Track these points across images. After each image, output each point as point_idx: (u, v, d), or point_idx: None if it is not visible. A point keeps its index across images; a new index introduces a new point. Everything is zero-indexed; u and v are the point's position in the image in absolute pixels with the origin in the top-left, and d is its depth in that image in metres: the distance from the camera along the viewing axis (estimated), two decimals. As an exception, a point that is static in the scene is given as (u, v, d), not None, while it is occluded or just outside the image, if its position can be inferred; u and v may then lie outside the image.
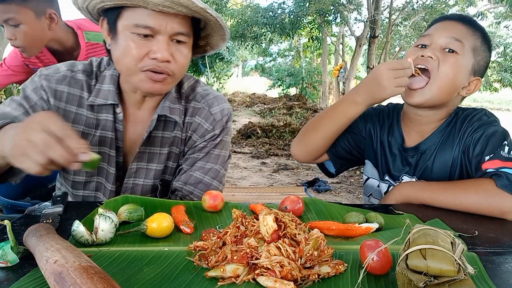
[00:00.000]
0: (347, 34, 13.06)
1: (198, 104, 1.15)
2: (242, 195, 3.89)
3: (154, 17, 0.92)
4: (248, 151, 6.48)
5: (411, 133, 1.21)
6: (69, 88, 1.06)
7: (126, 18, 0.94)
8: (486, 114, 1.13)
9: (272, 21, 9.37)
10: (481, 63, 1.13)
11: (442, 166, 1.13)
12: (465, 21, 1.12)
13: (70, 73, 1.07)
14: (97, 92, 1.07)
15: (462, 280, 0.54)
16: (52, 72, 1.07)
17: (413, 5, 8.29)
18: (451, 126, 1.15)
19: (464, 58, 1.09)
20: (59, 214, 0.88)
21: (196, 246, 0.74)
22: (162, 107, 1.08)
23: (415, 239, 0.59)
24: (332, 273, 0.65)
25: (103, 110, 1.08)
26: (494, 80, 11.99)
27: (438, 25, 1.14)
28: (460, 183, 1.04)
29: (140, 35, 0.93)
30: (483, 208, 0.96)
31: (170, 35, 0.95)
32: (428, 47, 1.11)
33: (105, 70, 1.10)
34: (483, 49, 1.12)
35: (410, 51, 1.16)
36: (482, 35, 1.13)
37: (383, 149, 1.25)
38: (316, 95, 15.21)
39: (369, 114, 1.30)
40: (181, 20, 0.95)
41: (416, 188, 1.08)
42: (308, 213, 0.94)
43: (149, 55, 0.94)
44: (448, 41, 1.08)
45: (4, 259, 0.66)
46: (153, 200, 0.97)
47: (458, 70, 1.08)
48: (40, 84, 1.05)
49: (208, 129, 1.14)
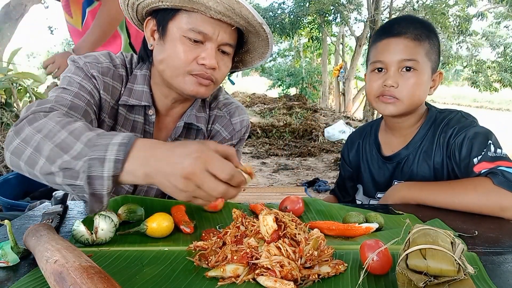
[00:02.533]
0: (347, 34, 13.06)
1: (220, 112, 1.17)
2: (242, 195, 3.89)
3: (209, 24, 0.92)
4: (248, 151, 6.48)
5: (390, 143, 1.25)
6: (112, 82, 1.03)
7: (181, 21, 0.93)
8: (463, 116, 1.16)
9: (272, 21, 9.37)
10: (436, 58, 1.15)
11: (426, 170, 1.16)
12: (406, 34, 1.10)
13: (113, 66, 1.04)
14: (129, 91, 1.05)
15: (462, 280, 0.54)
16: (94, 61, 1.01)
17: (413, 5, 8.29)
18: (431, 130, 1.17)
19: (422, 70, 1.10)
20: (59, 214, 0.88)
21: (196, 246, 0.74)
22: (189, 115, 1.09)
23: (415, 239, 0.59)
24: (332, 273, 0.65)
25: (134, 110, 1.07)
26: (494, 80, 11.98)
27: (384, 47, 1.13)
28: (457, 182, 1.04)
29: (191, 40, 0.93)
30: (483, 206, 0.96)
31: (218, 44, 0.95)
32: (385, 72, 1.12)
33: (135, 69, 1.08)
34: (433, 44, 1.13)
35: (371, 77, 1.16)
36: (425, 31, 1.12)
37: (368, 164, 1.30)
38: (316, 95, 15.21)
39: (353, 139, 1.39)
40: (231, 31, 0.96)
41: (414, 189, 1.08)
42: (308, 213, 0.94)
43: (197, 60, 0.94)
44: (402, 63, 1.10)
45: (4, 259, 0.66)
46: (153, 200, 0.97)
47: (420, 84, 1.11)
48: (90, 73, 0.99)
49: (226, 137, 1.16)
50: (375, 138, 1.30)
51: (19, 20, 7.85)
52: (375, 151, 1.28)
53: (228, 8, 0.88)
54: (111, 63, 1.03)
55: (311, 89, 15.59)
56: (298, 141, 7.21)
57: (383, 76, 1.13)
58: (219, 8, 0.88)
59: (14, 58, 5.00)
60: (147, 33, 1.01)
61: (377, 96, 1.15)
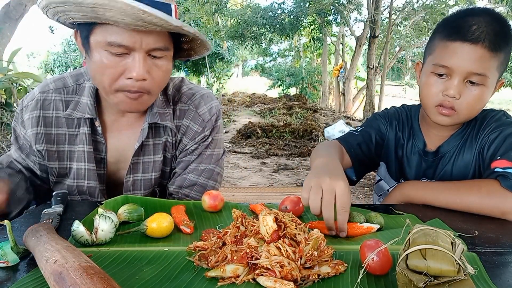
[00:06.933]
0: (347, 34, 13.05)
1: (185, 105, 1.12)
2: (242, 195, 3.89)
3: (128, 35, 0.85)
4: (248, 151, 6.48)
5: (431, 136, 1.18)
6: (43, 112, 1.05)
7: (99, 35, 0.87)
8: (505, 115, 1.11)
9: (271, 21, 9.36)
10: (505, 68, 1.05)
11: (462, 169, 1.11)
12: (483, 41, 0.96)
13: (42, 96, 1.05)
14: (75, 104, 1.05)
15: (462, 280, 0.54)
16: (28, 100, 1.07)
17: (413, 5, 8.28)
18: (470, 128, 1.12)
19: (489, 85, 1.01)
20: (59, 214, 0.88)
21: (196, 246, 0.74)
22: (152, 114, 1.05)
23: (415, 239, 0.59)
24: (332, 273, 0.65)
25: (82, 123, 1.06)
26: (494, 80, 11.97)
27: (455, 51, 0.99)
28: (463, 183, 1.03)
29: (114, 53, 0.87)
30: (484, 208, 0.95)
31: (146, 51, 0.89)
32: (448, 79, 1.01)
33: (85, 81, 1.07)
34: (507, 53, 1.01)
35: (430, 81, 1.04)
36: (504, 37, 0.99)
37: (401, 153, 1.23)
38: (316, 95, 15.20)
39: (390, 117, 1.27)
40: (157, 35, 0.88)
41: (418, 188, 1.07)
42: (308, 213, 0.94)
43: (125, 73, 0.90)
44: (470, 76, 0.98)
45: (4, 259, 0.66)
46: (153, 200, 0.97)
47: (483, 99, 1.02)
48: (21, 120, 1.07)
49: (198, 131, 1.11)
50: (419, 130, 1.20)
51: (19, 20, 7.85)
52: (422, 144, 1.18)
53: (137, 19, 0.81)
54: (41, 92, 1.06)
55: (311, 89, 15.57)
56: (298, 141, 7.21)
57: (444, 83, 1.01)
58: (126, 21, 0.81)
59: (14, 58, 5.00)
60: (78, 46, 0.96)
61: (435, 106, 1.04)
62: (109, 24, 0.85)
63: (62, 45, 16.98)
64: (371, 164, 1.31)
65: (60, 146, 1.07)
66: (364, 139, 1.24)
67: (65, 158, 1.08)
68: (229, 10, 10.12)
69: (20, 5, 7.69)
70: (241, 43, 10.80)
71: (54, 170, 1.09)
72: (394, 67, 15.96)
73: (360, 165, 1.26)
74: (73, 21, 0.88)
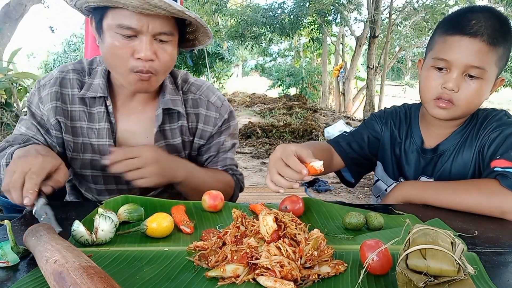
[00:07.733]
0: (347, 34, 13.05)
1: (195, 95, 1.20)
2: (242, 195, 3.89)
3: (136, 18, 0.94)
4: (248, 151, 6.47)
5: (430, 134, 1.18)
6: (61, 89, 1.12)
7: (110, 18, 0.96)
8: (506, 115, 1.10)
9: (271, 21, 9.36)
10: (504, 64, 1.05)
11: (461, 167, 1.11)
12: (482, 35, 0.97)
13: (61, 75, 1.13)
14: (88, 86, 1.12)
15: (462, 280, 0.54)
16: (47, 80, 1.14)
17: (413, 5, 8.28)
18: (470, 126, 1.12)
19: (487, 79, 1.01)
20: (47, 204, 0.84)
21: (196, 246, 0.74)
22: (165, 101, 1.12)
23: (415, 239, 0.59)
24: (332, 273, 0.65)
25: (96, 103, 1.12)
26: (494, 80, 11.98)
27: (454, 44, 1.00)
28: (462, 182, 1.03)
29: (123, 36, 0.96)
30: (484, 207, 0.95)
31: (152, 35, 0.97)
32: (447, 72, 1.02)
33: (98, 66, 1.15)
34: (506, 49, 1.02)
35: (429, 75, 1.06)
36: (503, 33, 1.00)
37: (399, 151, 1.22)
38: (316, 95, 15.19)
39: (386, 116, 1.27)
40: (163, 20, 0.97)
41: (417, 188, 1.07)
42: (308, 213, 0.94)
43: (134, 55, 0.97)
44: (468, 69, 0.99)
45: (4, 259, 0.66)
46: (153, 200, 0.97)
47: (482, 93, 1.03)
48: (39, 97, 1.13)
49: (216, 116, 1.21)
50: (417, 129, 1.20)
51: (19, 20, 7.85)
52: (419, 142, 1.18)
53: (144, 2, 0.89)
54: (60, 72, 1.13)
55: (311, 89, 15.57)
56: (298, 141, 7.21)
57: (443, 76, 1.03)
58: (134, 4, 0.89)
59: (14, 58, 5.00)
60: (93, 31, 1.05)
61: (433, 99, 1.05)
62: (120, 8, 0.94)
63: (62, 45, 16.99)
64: (367, 164, 1.31)
65: (74, 122, 1.13)
66: (355, 138, 1.27)
67: (79, 134, 1.14)
68: (229, 10, 10.12)
69: (20, 5, 7.69)
70: (241, 43, 10.80)
71: (70, 144, 1.14)
72: (394, 67, 15.97)
73: (355, 165, 1.28)
74: (88, 5, 0.98)
